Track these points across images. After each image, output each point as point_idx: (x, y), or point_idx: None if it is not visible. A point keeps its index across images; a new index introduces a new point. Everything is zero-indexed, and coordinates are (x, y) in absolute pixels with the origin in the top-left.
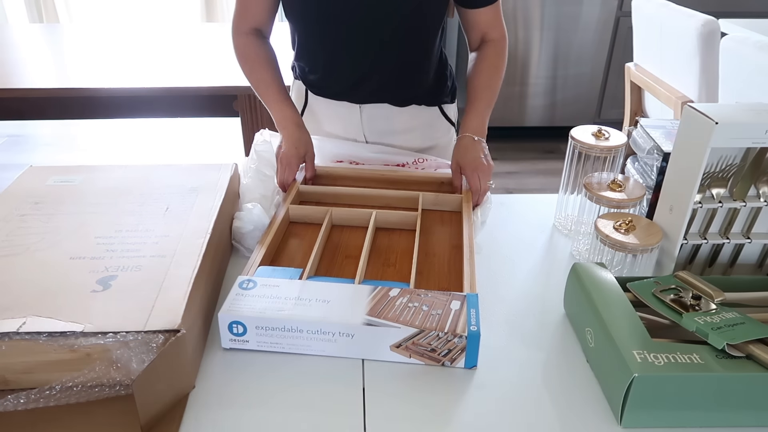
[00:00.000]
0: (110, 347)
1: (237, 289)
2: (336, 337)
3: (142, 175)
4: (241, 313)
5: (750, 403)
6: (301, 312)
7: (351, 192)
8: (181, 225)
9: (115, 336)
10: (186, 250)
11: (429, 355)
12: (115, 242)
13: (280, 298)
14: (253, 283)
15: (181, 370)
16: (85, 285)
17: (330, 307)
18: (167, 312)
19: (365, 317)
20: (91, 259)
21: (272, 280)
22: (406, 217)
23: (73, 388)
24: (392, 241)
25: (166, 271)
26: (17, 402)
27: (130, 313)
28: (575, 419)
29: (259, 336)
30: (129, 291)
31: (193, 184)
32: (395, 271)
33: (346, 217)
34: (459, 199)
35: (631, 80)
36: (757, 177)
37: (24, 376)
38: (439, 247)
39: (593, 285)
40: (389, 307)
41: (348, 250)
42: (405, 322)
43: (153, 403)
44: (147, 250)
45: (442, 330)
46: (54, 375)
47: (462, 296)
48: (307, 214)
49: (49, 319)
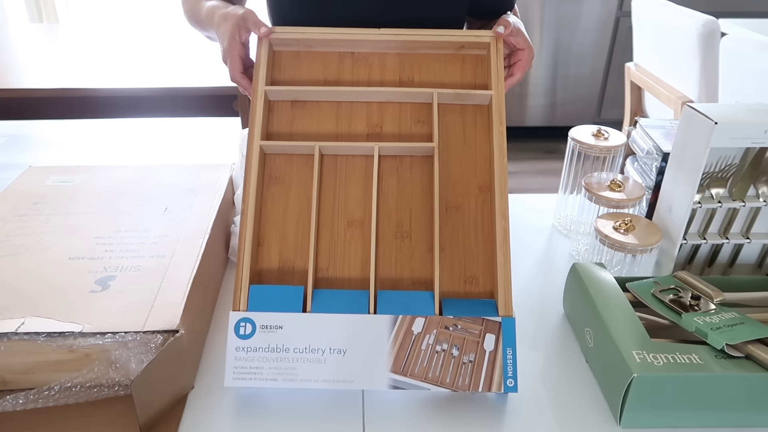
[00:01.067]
0: (109, 347)
1: (235, 340)
2: (357, 394)
3: (141, 175)
4: (249, 382)
5: (749, 403)
6: (316, 374)
7: (334, 92)
8: (180, 225)
9: (113, 336)
10: (185, 250)
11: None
12: (113, 242)
13: (288, 352)
14: (251, 325)
15: (180, 370)
16: (84, 285)
17: (347, 362)
18: (166, 312)
19: (390, 377)
20: (90, 259)
21: (272, 317)
22: (416, 150)
23: (72, 388)
24: (402, 181)
25: (165, 271)
26: (16, 402)
27: (129, 313)
28: (574, 419)
29: (273, 396)
30: (128, 291)
31: (192, 185)
32: (410, 246)
33: (338, 150)
34: (489, 96)
35: (631, 80)
36: (757, 177)
37: (23, 377)
38: (462, 189)
39: (593, 285)
40: (414, 355)
41: (349, 207)
42: (435, 381)
43: (152, 403)
44: (146, 250)
45: (476, 389)
46: (53, 375)
47: (497, 325)
48: (287, 150)
49: (48, 320)
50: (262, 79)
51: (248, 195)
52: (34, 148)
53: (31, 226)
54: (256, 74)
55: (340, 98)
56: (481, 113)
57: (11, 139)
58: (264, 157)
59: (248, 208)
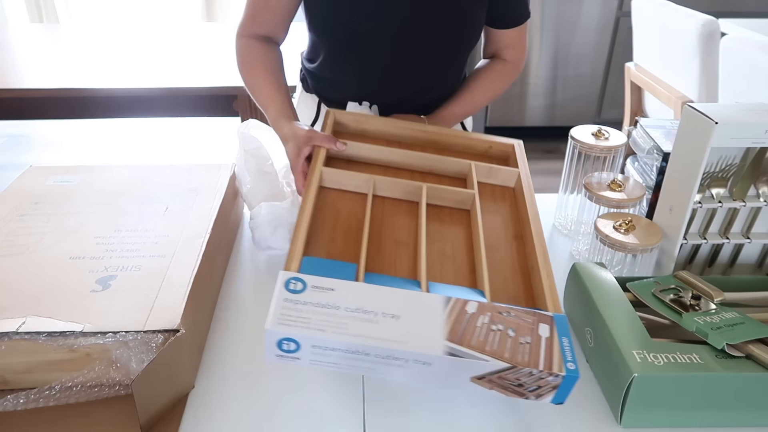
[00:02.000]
0: (110, 347)
1: (284, 292)
2: (410, 363)
3: (142, 175)
4: (294, 329)
5: (750, 403)
6: (369, 332)
7: (387, 153)
8: (180, 225)
9: (114, 336)
10: (185, 249)
11: (514, 389)
12: (114, 242)
13: (339, 309)
14: (302, 283)
15: (181, 369)
16: (85, 285)
17: (401, 326)
18: (167, 312)
19: (446, 344)
20: (91, 259)
21: (324, 281)
22: (458, 195)
23: (73, 388)
24: (443, 222)
25: (166, 271)
26: (17, 402)
27: (130, 312)
28: (575, 419)
29: (315, 355)
30: (128, 291)
31: (193, 185)
32: (454, 266)
33: (389, 188)
34: (516, 173)
35: (631, 80)
36: (757, 177)
37: (24, 376)
38: (497, 236)
39: (593, 285)
40: (470, 330)
41: (395, 232)
42: (494, 354)
43: (152, 402)
44: (146, 250)
45: (537, 367)
46: (54, 375)
47: (549, 318)
48: (344, 182)
49: (49, 319)
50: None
51: (306, 202)
52: (34, 148)
53: (31, 225)
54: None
55: (388, 156)
56: (508, 191)
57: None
58: (319, 191)
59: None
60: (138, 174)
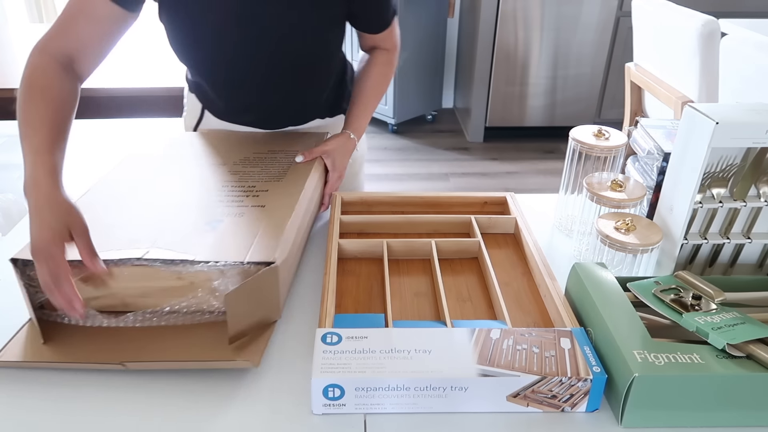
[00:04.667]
0: (211, 276)
1: (322, 346)
2: (447, 392)
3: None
4: (336, 374)
5: (750, 403)
6: (404, 367)
7: (393, 220)
8: (280, 183)
9: (216, 265)
10: (282, 203)
11: (549, 402)
12: (222, 194)
13: (375, 353)
14: (337, 336)
15: (271, 298)
16: (197, 226)
17: (434, 359)
18: (264, 249)
19: (478, 367)
20: (204, 206)
21: (357, 331)
22: (465, 245)
23: (179, 311)
24: (455, 272)
25: (265, 218)
26: (135, 319)
27: (233, 248)
28: (575, 419)
29: (359, 398)
30: (232, 232)
31: (291, 156)
32: (473, 306)
33: (401, 250)
34: (513, 220)
35: (631, 80)
36: (758, 177)
37: (140, 300)
38: (507, 275)
39: (593, 285)
40: (498, 353)
41: (414, 286)
42: (523, 369)
43: (242, 320)
44: (249, 201)
45: (565, 375)
46: (164, 300)
47: (568, 332)
48: (360, 249)
49: (167, 250)
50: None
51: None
52: None
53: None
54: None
55: (396, 222)
56: (509, 237)
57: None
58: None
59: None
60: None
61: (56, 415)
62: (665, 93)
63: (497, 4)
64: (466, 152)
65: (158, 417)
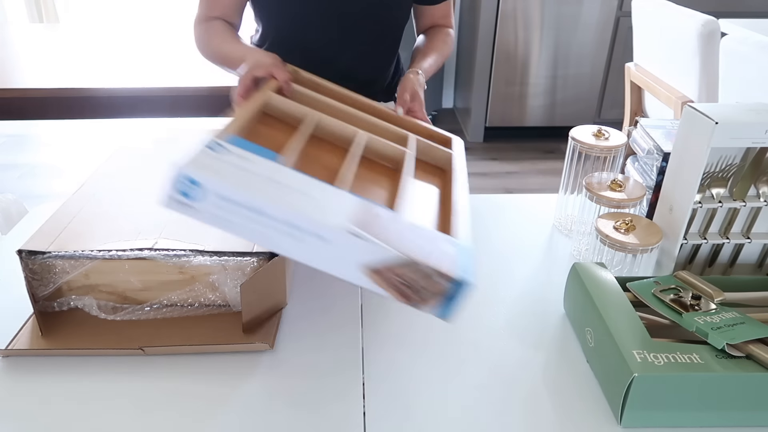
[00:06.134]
0: (211, 270)
1: (202, 147)
2: (306, 236)
3: None
4: (205, 172)
5: (750, 403)
6: (275, 195)
7: (336, 106)
8: None
9: (219, 259)
10: None
11: (402, 291)
12: None
13: (250, 173)
14: (223, 148)
15: (278, 287)
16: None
17: (309, 201)
18: None
19: (350, 226)
20: None
21: (245, 153)
22: (393, 151)
23: (178, 305)
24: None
25: None
26: (132, 314)
27: (235, 239)
28: (575, 419)
29: (217, 208)
30: None
31: None
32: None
33: (330, 130)
34: (450, 155)
35: (631, 80)
36: (757, 177)
37: (140, 294)
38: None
39: (593, 285)
40: (376, 226)
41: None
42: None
43: (254, 308)
44: None
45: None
46: (163, 294)
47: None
48: (288, 110)
49: (177, 241)
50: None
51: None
52: (34, 148)
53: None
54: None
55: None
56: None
57: (11, 139)
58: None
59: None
60: None
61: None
62: (665, 93)
63: (497, 4)
64: (466, 152)
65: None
